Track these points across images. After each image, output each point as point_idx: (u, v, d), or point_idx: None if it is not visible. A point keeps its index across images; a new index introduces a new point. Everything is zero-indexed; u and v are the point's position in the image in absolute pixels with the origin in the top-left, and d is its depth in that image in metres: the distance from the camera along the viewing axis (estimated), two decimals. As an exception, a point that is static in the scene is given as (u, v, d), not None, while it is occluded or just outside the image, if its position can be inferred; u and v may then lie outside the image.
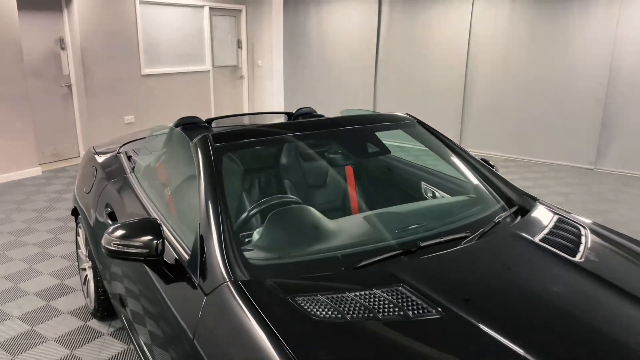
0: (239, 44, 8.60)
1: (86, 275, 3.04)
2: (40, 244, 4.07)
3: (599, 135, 6.41)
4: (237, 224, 2.17)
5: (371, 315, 1.40)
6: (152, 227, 1.74)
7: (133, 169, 2.66)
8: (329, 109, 7.84)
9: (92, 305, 2.97)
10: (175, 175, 2.26)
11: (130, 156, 2.82)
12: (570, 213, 2.19)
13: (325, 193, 2.88)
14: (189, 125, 2.63)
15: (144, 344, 1.97)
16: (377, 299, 1.47)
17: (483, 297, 1.50)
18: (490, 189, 2.28)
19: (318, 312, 1.41)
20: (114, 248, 1.71)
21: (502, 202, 2.20)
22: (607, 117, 6.34)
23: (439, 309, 1.42)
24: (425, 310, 1.42)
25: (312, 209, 2.00)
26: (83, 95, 6.56)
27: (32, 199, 5.14)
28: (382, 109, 8.08)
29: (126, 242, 1.71)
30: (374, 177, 3.02)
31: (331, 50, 8.34)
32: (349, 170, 2.95)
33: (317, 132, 2.30)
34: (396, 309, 1.43)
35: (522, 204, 2.19)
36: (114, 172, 2.74)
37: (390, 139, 2.80)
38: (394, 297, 1.48)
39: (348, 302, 1.46)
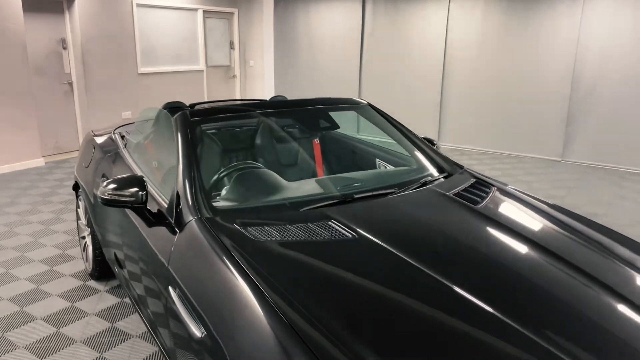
0: (231, 45, 9.06)
1: (85, 242, 3.47)
2: (44, 222, 4.50)
3: (565, 129, 6.85)
4: (209, 184, 2.60)
5: (302, 238, 1.84)
6: (138, 181, 2.18)
7: (125, 145, 3.10)
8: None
9: (90, 267, 3.40)
10: (159, 146, 2.70)
11: (123, 136, 3.26)
12: (488, 178, 2.62)
13: (296, 169, 3.31)
14: (174, 109, 3.06)
15: (138, 295, 2.38)
16: (309, 229, 1.91)
17: (390, 226, 1.94)
18: (426, 159, 2.72)
19: (261, 236, 1.84)
20: (107, 197, 2.14)
21: (434, 170, 2.64)
22: (572, 112, 6.79)
23: (354, 234, 1.86)
24: (343, 235, 1.86)
25: (271, 171, 2.44)
26: (83, 92, 7.01)
27: (36, 186, 5.58)
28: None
29: (117, 193, 2.14)
30: (337, 156, 3.46)
31: (319, 50, 8.80)
32: (317, 146, 3.39)
33: (282, 110, 2.75)
34: (321, 234, 1.86)
35: (450, 171, 2.63)
36: (109, 149, 3.18)
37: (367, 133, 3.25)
38: (322, 227, 1.91)
39: (287, 230, 1.89)
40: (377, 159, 3.27)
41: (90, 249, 3.34)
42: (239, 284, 1.61)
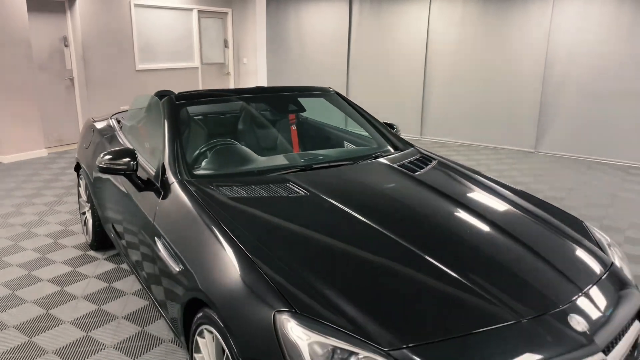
0: (225, 44, 9.47)
1: (85, 217, 3.87)
2: (48, 204, 4.91)
3: (537, 122, 7.27)
4: (191, 158, 3.00)
5: (264, 194, 2.25)
6: (129, 153, 2.59)
7: (121, 127, 3.50)
8: (305, 102, 8.67)
9: (90, 239, 3.80)
10: (150, 128, 3.11)
11: (119, 120, 3.67)
12: (435, 154, 3.03)
13: (274, 152, 3.71)
14: (164, 96, 3.46)
15: (134, 259, 2.77)
16: (270, 188, 2.32)
17: (336, 187, 2.35)
18: (382, 138, 3.13)
19: (230, 193, 2.25)
20: (104, 166, 2.55)
21: (388, 147, 3.04)
22: (544, 106, 7.20)
23: (306, 192, 2.27)
24: (297, 192, 2.27)
25: (245, 147, 2.85)
26: (84, 87, 7.43)
27: (39, 173, 5.99)
28: (354, 99, 8.93)
29: (113, 162, 2.55)
30: (312, 141, 3.86)
31: (309, 47, 9.22)
32: (294, 132, 3.79)
33: (259, 96, 3.17)
34: (279, 192, 2.27)
35: (402, 149, 3.04)
36: (106, 131, 3.59)
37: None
38: (281, 188, 2.32)
39: (251, 190, 2.30)
40: (346, 142, 3.68)
41: (90, 222, 3.75)
42: (208, 228, 2.02)
